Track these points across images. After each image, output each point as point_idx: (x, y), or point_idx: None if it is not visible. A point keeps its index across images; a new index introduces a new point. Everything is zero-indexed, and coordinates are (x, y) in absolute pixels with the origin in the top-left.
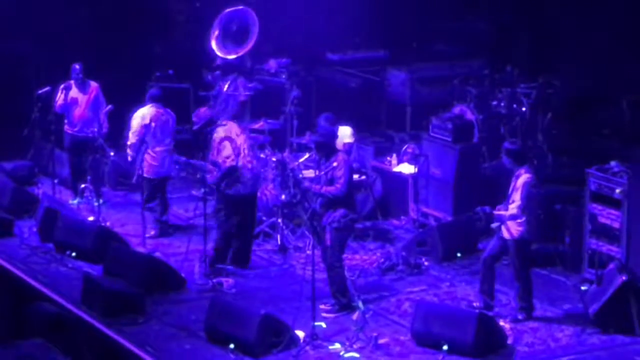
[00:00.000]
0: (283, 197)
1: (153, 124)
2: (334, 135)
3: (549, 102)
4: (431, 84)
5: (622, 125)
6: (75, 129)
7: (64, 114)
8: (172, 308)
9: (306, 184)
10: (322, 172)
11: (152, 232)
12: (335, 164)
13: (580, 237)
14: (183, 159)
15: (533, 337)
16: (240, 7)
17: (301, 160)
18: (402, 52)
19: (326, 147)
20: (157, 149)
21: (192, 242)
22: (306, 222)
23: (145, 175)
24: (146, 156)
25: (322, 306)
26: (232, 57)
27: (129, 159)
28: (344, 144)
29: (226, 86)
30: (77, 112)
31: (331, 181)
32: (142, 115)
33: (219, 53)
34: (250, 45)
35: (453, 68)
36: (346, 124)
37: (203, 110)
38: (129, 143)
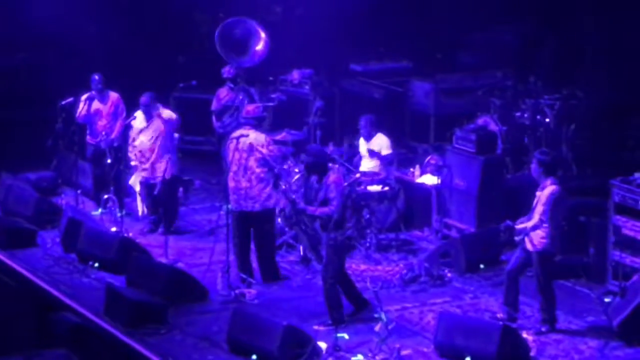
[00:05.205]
0: (279, 220)
1: None
2: (325, 155)
3: (573, 113)
4: (455, 95)
5: None
6: (98, 140)
7: (86, 124)
8: (195, 319)
9: (301, 205)
10: (317, 192)
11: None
12: (331, 191)
13: (604, 249)
14: None
15: (556, 349)
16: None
17: (293, 180)
18: (426, 63)
19: (318, 167)
20: None
21: (214, 253)
22: (307, 244)
23: None
24: None
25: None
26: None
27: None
28: (383, 156)
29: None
30: (101, 122)
31: (325, 202)
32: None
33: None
34: (252, 54)
35: (477, 79)
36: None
37: (224, 94)
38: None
